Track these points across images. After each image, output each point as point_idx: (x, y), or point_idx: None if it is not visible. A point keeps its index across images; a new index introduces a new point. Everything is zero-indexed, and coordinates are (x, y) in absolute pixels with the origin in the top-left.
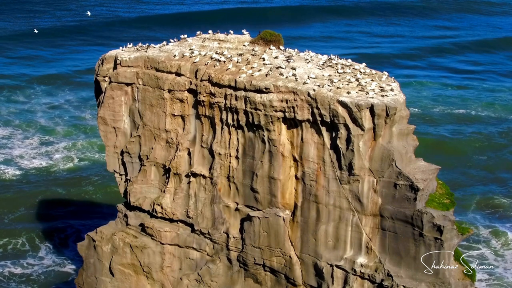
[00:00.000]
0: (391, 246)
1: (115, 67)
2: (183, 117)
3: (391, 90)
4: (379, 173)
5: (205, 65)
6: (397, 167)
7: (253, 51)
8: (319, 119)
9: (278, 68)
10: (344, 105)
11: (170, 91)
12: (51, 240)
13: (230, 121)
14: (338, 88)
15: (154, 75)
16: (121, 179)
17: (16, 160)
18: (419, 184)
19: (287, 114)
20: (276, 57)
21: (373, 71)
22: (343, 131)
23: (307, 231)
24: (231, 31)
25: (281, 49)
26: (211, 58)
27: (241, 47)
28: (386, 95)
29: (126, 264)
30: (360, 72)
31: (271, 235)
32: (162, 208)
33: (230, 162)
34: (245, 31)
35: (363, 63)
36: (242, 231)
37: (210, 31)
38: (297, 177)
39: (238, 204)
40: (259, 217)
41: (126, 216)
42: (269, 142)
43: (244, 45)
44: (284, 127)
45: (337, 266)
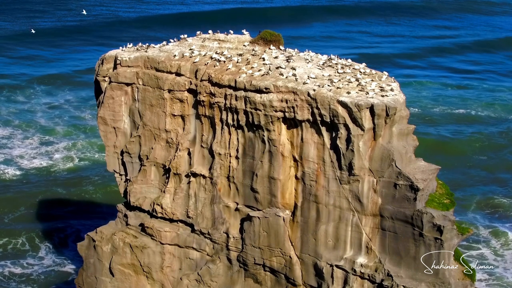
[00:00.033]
0: (391, 246)
1: (115, 67)
2: (183, 117)
3: (391, 90)
4: (379, 173)
5: (205, 65)
6: (397, 167)
7: (253, 51)
8: (319, 119)
9: (278, 68)
10: (344, 105)
11: (170, 91)
12: (51, 240)
13: (230, 121)
14: (338, 88)
15: (154, 75)
16: (121, 179)
17: (16, 160)
18: (419, 184)
19: (287, 114)
20: (276, 57)
21: (373, 71)
22: (343, 131)
23: (307, 231)
24: (231, 31)
25: (281, 49)
26: (211, 58)
27: (241, 47)
28: (386, 95)
29: (126, 264)
30: (360, 72)
31: (271, 235)
32: (162, 208)
33: (230, 162)
34: (245, 31)
35: (363, 63)
36: (242, 231)
37: (210, 31)
38: (297, 177)
39: (238, 204)
40: (259, 217)
41: (126, 216)
42: (269, 142)
43: (244, 45)
44: (284, 127)
45: (337, 266)
